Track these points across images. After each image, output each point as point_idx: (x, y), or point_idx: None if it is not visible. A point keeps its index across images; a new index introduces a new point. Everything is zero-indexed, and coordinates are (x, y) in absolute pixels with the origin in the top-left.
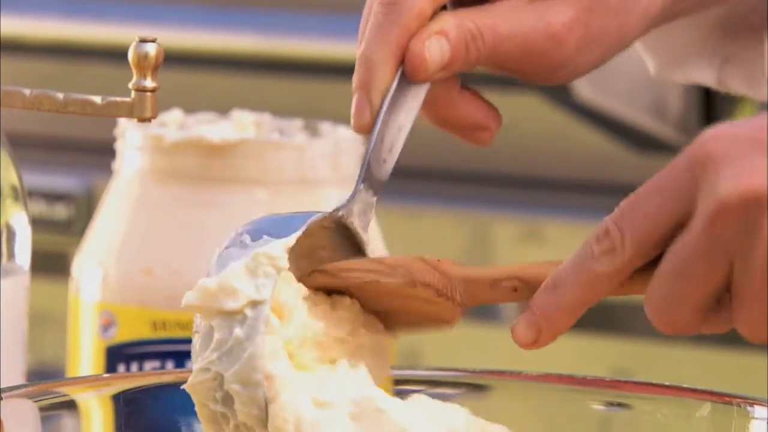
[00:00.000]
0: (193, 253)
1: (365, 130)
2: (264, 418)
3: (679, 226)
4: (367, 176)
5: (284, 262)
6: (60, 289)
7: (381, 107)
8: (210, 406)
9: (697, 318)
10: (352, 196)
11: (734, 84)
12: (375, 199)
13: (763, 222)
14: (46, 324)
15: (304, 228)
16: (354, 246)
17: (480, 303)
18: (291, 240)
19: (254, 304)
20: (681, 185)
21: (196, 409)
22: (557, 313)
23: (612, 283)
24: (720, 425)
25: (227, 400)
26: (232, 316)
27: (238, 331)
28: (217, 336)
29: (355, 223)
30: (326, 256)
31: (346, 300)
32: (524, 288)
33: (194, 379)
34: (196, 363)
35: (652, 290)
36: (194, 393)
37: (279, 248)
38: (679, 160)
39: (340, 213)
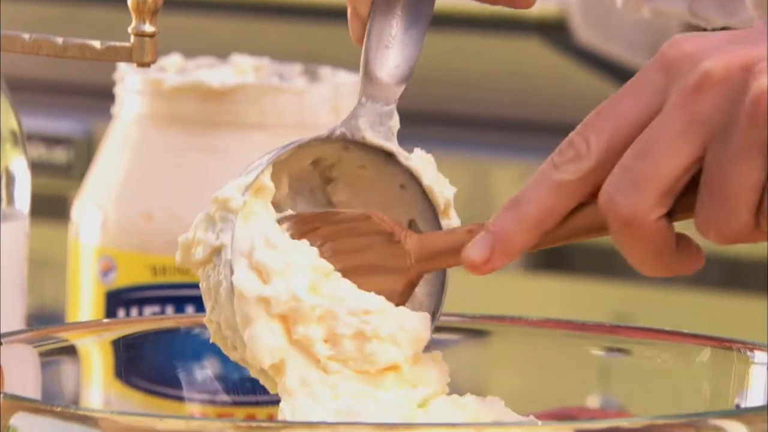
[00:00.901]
0: (193, 197)
1: (358, 41)
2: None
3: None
4: (369, 88)
5: (236, 203)
6: (60, 232)
7: (369, 16)
8: (233, 355)
9: (660, 203)
10: (352, 113)
11: (708, 13)
12: (392, 106)
13: (748, 93)
14: (46, 268)
15: (266, 165)
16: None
17: (433, 254)
18: (246, 179)
19: (217, 250)
20: (652, 86)
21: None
22: (515, 228)
23: (577, 192)
24: (720, 370)
25: (238, 345)
26: (205, 266)
27: (213, 279)
28: (203, 286)
29: (368, 136)
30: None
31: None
32: (480, 228)
33: (210, 333)
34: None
35: (614, 174)
36: (209, 325)
37: (230, 190)
38: (649, 64)
39: (338, 132)
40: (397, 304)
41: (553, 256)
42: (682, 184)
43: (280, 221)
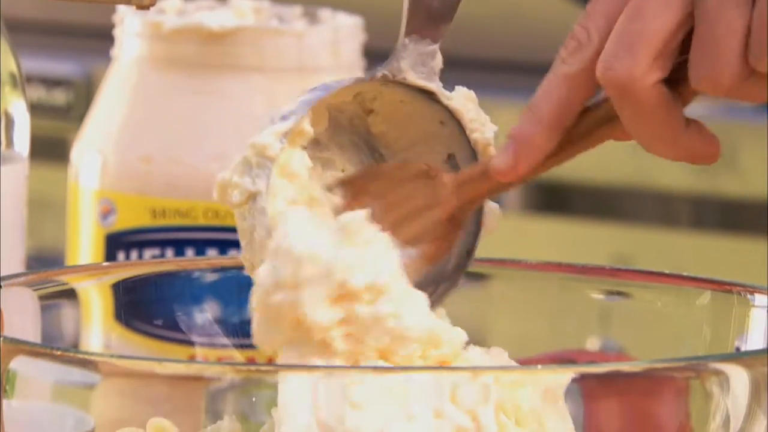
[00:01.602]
0: (192, 140)
1: None
2: None
3: None
4: (412, 27)
5: (273, 151)
6: (59, 174)
7: None
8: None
9: (656, 65)
10: (394, 55)
11: None
12: (435, 46)
13: None
14: (46, 210)
15: (306, 111)
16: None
17: (466, 179)
18: (284, 125)
19: (253, 196)
20: None
21: None
22: (534, 129)
23: (586, 81)
24: (720, 313)
25: None
26: (240, 209)
27: (248, 222)
28: (239, 225)
29: (410, 77)
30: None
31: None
32: None
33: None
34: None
35: (608, 43)
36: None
37: (268, 137)
38: None
39: (379, 75)
40: (443, 245)
41: (552, 198)
42: (676, 43)
43: (330, 188)
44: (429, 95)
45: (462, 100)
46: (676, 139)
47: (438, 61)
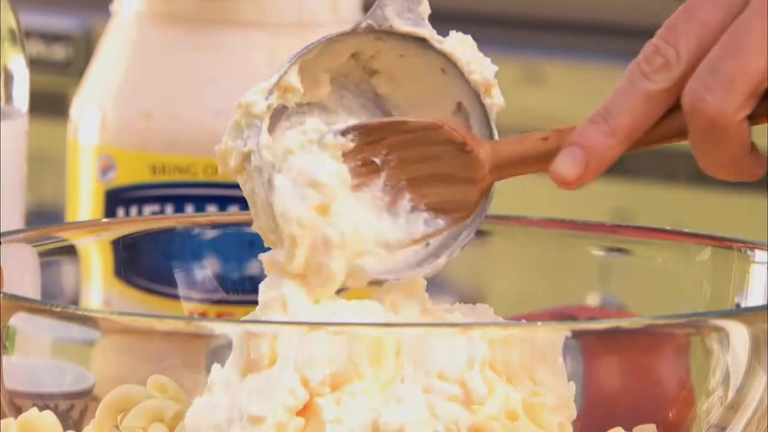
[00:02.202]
0: (192, 96)
1: None
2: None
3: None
4: None
5: (260, 108)
6: (59, 129)
7: None
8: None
9: (747, 103)
10: (377, 3)
11: None
12: None
13: None
14: (46, 165)
15: (290, 64)
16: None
17: (507, 162)
18: (269, 82)
19: (246, 156)
20: None
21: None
22: (607, 142)
23: (667, 100)
24: (720, 270)
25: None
26: (239, 173)
27: (248, 186)
28: (245, 195)
29: (396, 24)
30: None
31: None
32: (556, 136)
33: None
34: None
35: (700, 74)
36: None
37: (253, 95)
38: None
39: (364, 25)
40: (468, 215)
41: None
42: (767, 84)
43: (344, 132)
44: (422, 42)
45: (456, 43)
46: (739, 166)
47: (425, 7)
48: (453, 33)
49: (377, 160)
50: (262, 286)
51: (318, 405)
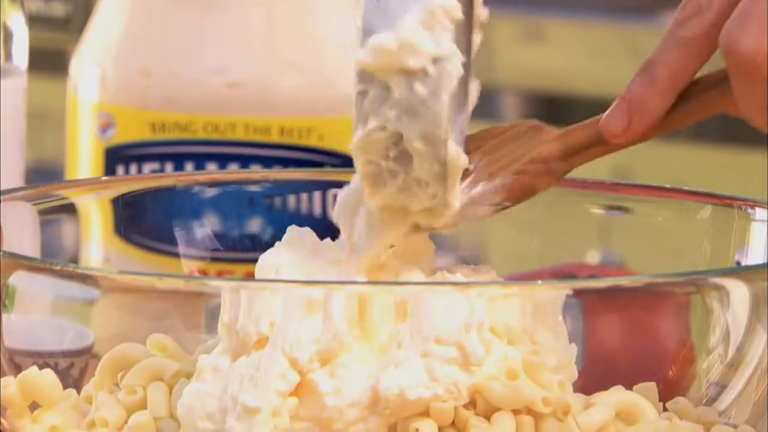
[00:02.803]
0: (192, 54)
1: None
2: (444, 174)
3: None
4: None
5: (460, 13)
6: (59, 86)
7: None
8: (379, 164)
9: None
10: None
11: None
12: None
13: None
14: (45, 122)
15: None
16: None
17: (578, 148)
18: None
19: (436, 59)
20: None
21: (359, 166)
22: (649, 93)
23: (704, 47)
24: (720, 228)
25: (401, 157)
26: (413, 74)
27: (420, 89)
28: (396, 95)
29: None
30: None
31: None
32: None
33: (366, 138)
34: (363, 123)
35: (734, 16)
36: (363, 150)
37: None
38: None
39: None
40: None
41: (551, 110)
42: None
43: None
44: None
45: None
46: None
47: None
48: None
49: (471, 167)
50: (260, 260)
51: (312, 381)
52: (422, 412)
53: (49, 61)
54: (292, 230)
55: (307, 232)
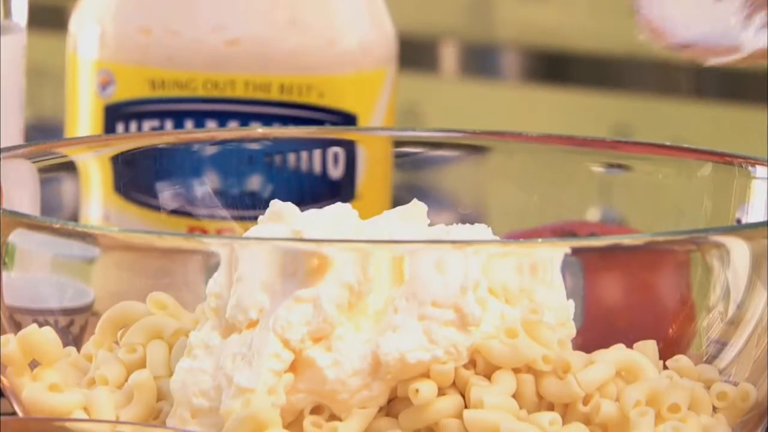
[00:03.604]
0: (192, 12)
1: None
2: None
3: None
4: None
5: None
6: (58, 43)
7: None
8: None
9: None
10: None
11: None
12: None
13: None
14: (45, 79)
15: None
16: None
17: None
18: None
19: None
20: None
21: None
22: None
23: None
24: (721, 185)
25: None
26: None
27: None
28: None
29: None
30: None
31: None
32: None
33: None
34: None
35: None
36: None
37: None
38: None
39: None
40: None
41: (552, 67)
42: None
43: None
44: None
45: None
46: None
47: None
48: None
49: None
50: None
51: (309, 357)
52: (423, 373)
53: (49, 18)
54: (275, 204)
55: (290, 206)
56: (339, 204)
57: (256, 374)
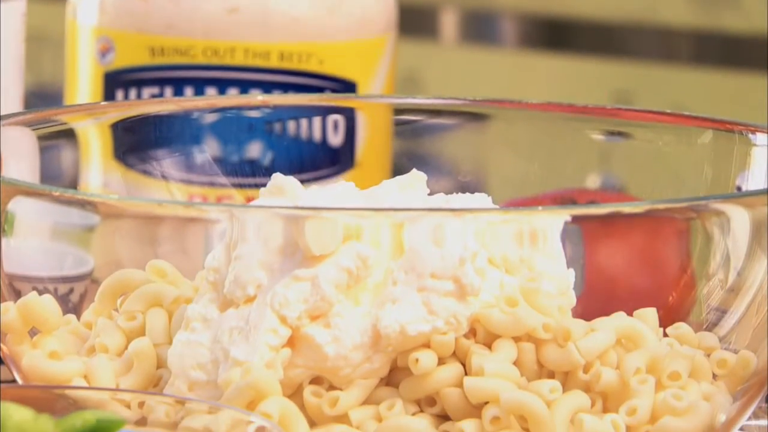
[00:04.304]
0: None
1: None
2: None
3: None
4: None
5: None
6: (58, 10)
7: None
8: None
9: None
10: None
11: None
12: None
13: None
14: (45, 45)
15: None
16: None
17: None
18: None
19: None
20: None
21: None
22: None
23: None
24: (721, 153)
25: None
26: None
27: None
28: None
29: None
30: None
31: None
32: None
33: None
34: None
35: None
36: None
37: None
38: None
39: None
40: None
41: (552, 34)
42: None
43: None
44: None
45: None
46: None
47: None
48: None
49: None
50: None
51: (307, 335)
52: (424, 344)
53: None
54: (277, 178)
55: (292, 180)
56: (342, 182)
57: (252, 348)
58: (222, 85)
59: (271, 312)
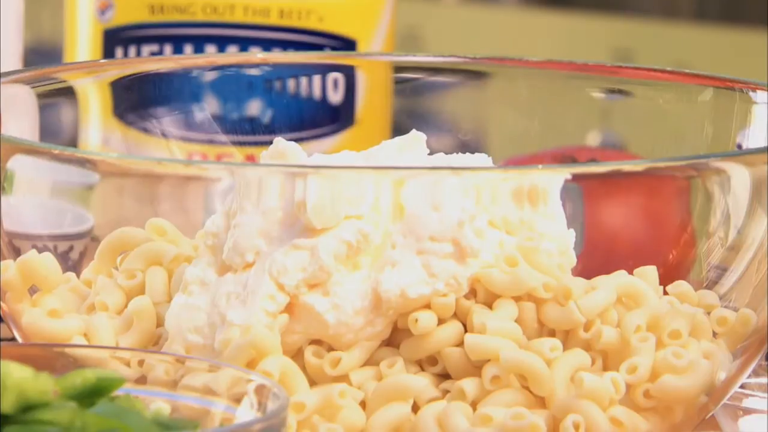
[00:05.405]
0: None
1: None
2: None
3: None
4: None
5: None
6: None
7: None
8: None
9: None
10: None
11: None
12: None
13: None
14: (44, 1)
15: None
16: None
17: None
18: None
19: None
20: None
21: None
22: None
23: None
24: (721, 110)
25: None
26: None
27: None
28: None
29: None
30: None
31: None
32: None
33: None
34: None
35: None
36: None
37: None
38: None
39: None
40: None
41: None
42: None
43: None
44: None
45: None
46: None
47: None
48: None
49: None
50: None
51: (306, 303)
52: (425, 306)
53: None
54: (279, 143)
55: (293, 145)
56: (345, 151)
57: (249, 313)
58: (221, 43)
59: (269, 278)
